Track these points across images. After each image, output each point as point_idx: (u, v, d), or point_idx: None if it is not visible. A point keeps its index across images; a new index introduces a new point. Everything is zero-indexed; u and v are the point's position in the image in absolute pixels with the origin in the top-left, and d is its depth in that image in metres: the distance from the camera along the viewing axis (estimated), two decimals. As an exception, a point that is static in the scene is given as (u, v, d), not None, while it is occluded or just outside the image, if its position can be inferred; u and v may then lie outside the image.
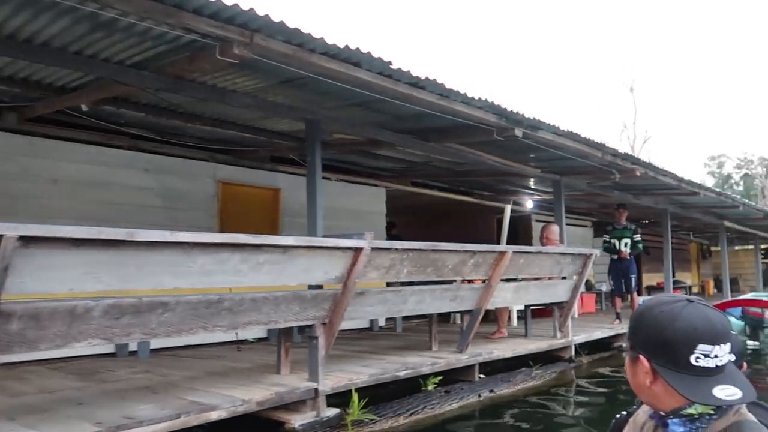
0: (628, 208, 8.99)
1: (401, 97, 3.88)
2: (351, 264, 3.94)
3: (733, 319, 9.06)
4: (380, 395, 4.79)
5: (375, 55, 3.28)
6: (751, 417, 1.22)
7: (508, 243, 11.83)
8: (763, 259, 21.51)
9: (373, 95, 3.93)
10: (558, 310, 6.92)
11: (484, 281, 5.46)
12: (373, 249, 4.01)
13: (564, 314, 6.87)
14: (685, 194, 8.70)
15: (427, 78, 3.63)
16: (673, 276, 14.34)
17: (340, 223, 8.36)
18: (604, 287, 14.15)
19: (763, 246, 19.78)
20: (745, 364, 2.12)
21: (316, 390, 4.00)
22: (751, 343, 8.60)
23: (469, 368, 5.45)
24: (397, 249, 4.25)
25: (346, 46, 3.17)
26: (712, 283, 20.72)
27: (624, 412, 1.49)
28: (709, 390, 1.14)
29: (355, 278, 3.98)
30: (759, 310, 8.49)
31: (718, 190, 8.69)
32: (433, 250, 4.58)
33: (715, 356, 1.16)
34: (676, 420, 1.23)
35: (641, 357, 1.22)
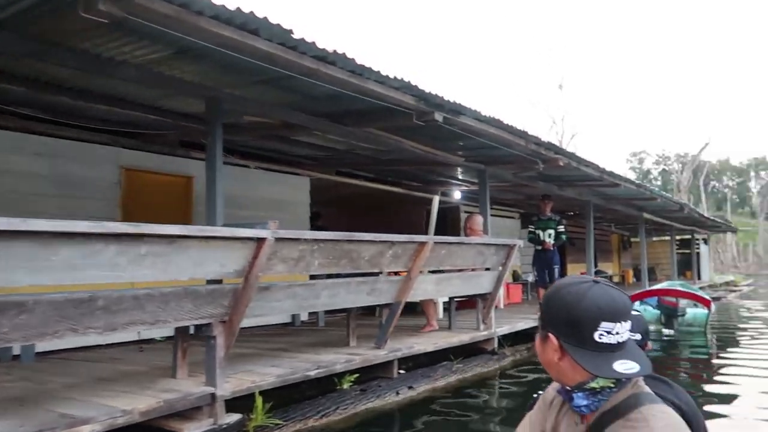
0: (553, 199, 9.03)
1: (308, 72, 3.54)
2: (253, 256, 3.58)
3: (649, 308, 9.31)
4: (293, 397, 4.47)
5: (273, 21, 2.92)
6: (647, 389, 1.32)
7: (437, 234, 11.77)
8: (677, 249, 22.60)
9: (278, 70, 3.57)
10: (481, 301, 6.80)
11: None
12: (278, 239, 3.66)
13: (487, 306, 6.76)
14: (607, 186, 8.82)
15: (335, 52, 3.31)
16: (596, 266, 14.78)
17: (260, 213, 7.93)
18: (530, 278, 14.39)
19: (678, 237, 20.77)
20: (649, 343, 2.19)
21: (213, 395, 3.62)
22: (666, 331, 8.85)
23: (388, 364, 5.20)
24: (306, 239, 3.92)
25: (238, 8, 2.80)
26: (631, 273, 21.61)
27: (540, 392, 1.57)
28: (610, 365, 1.22)
29: (258, 272, 3.62)
30: (673, 300, 8.74)
31: (638, 182, 8.89)
32: (347, 240, 4.28)
33: (617, 333, 1.24)
34: (580, 393, 1.31)
35: (550, 335, 1.30)
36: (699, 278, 20.98)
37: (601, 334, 1.24)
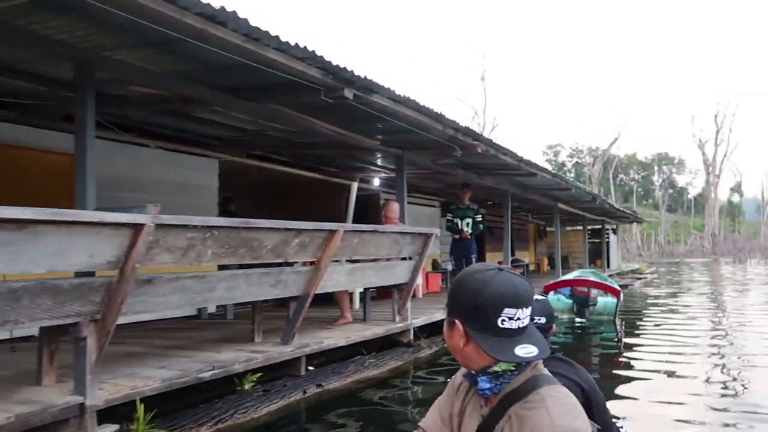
0: (472, 188, 8.95)
1: (196, 35, 3.08)
2: (129, 245, 3.10)
3: (562, 298, 9.47)
4: (187, 401, 4.02)
5: (145, -34, 2.46)
6: (545, 371, 1.38)
7: (356, 222, 11.46)
8: (589, 239, 23.56)
9: (160, 31, 3.08)
10: (397, 292, 6.56)
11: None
12: (160, 226, 3.19)
13: (404, 296, 6.53)
14: (525, 175, 8.83)
15: (223, 8, 2.86)
16: (513, 255, 15.02)
17: (162, 198, 7.27)
18: (449, 267, 14.42)
19: (589, 227, 21.64)
20: (554, 326, 2.20)
21: (82, 405, 3.12)
22: (578, 320, 9.02)
23: (295, 361, 4.84)
24: (196, 226, 3.47)
25: (100, -54, 2.32)
26: (546, 261, 22.34)
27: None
28: (511, 349, 1.27)
29: (136, 263, 3.15)
30: (585, 290, 8.92)
31: (553, 171, 8.98)
32: (245, 227, 3.86)
33: (518, 318, 1.29)
34: (483, 377, 1.36)
35: (456, 321, 1.34)
36: (608, 266, 21.99)
37: (504, 320, 1.28)
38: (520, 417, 1.30)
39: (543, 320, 2.04)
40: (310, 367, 5.17)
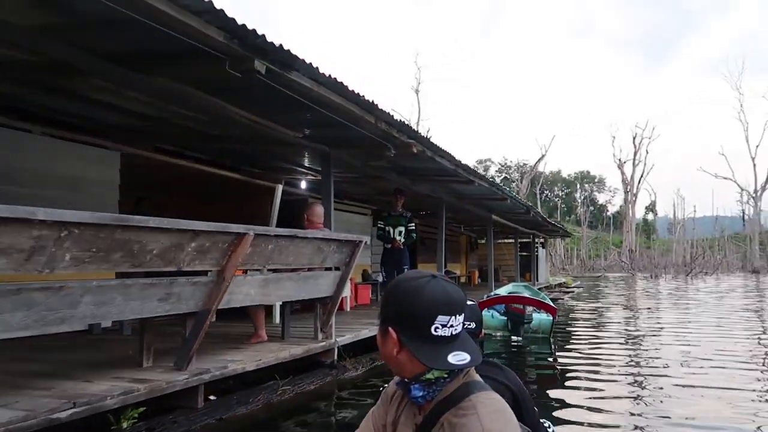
0: (406, 194, 8.36)
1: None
2: (-66, 243, 2.22)
3: (497, 315, 9.01)
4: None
5: None
6: (477, 377, 1.40)
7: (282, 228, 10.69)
8: (520, 252, 23.64)
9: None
10: (321, 306, 5.82)
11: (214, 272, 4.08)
12: (-15, 219, 2.33)
13: (328, 311, 5.80)
14: (462, 182, 8.34)
15: None
16: (445, 267, 14.58)
17: (47, 193, 6.24)
18: (381, 277, 13.79)
19: (521, 240, 21.65)
20: (483, 332, 2.15)
21: None
22: (514, 338, 8.57)
23: (191, 391, 4.00)
24: (43, 222, 2.61)
25: None
26: (477, 274, 22.17)
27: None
28: (444, 356, 1.28)
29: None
30: (521, 307, 8.50)
31: (491, 180, 8.54)
32: (121, 225, 3.03)
33: (451, 326, 1.31)
34: (416, 385, 1.36)
35: (390, 329, 1.34)
36: (537, 280, 22.08)
37: (437, 327, 1.29)
38: (453, 424, 1.29)
39: (473, 325, 2.00)
40: (212, 397, 4.35)
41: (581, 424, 4.33)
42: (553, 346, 8.21)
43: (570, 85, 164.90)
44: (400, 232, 8.32)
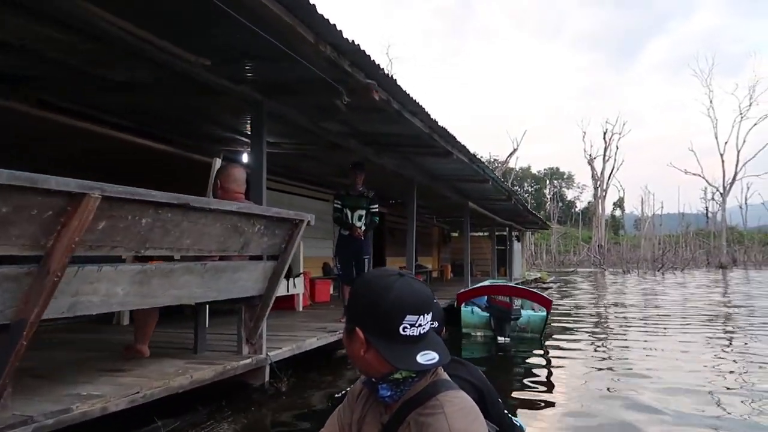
0: (366, 171, 6.85)
1: None
2: None
3: (477, 311, 7.57)
4: None
5: None
6: (444, 376, 1.38)
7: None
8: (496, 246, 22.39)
9: None
10: (246, 309, 4.26)
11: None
12: None
13: (255, 317, 4.24)
14: (438, 154, 6.84)
15: None
16: (416, 260, 13.11)
17: None
18: (335, 270, 12.25)
19: (496, 233, 20.34)
20: (444, 329, 2.09)
21: None
22: (500, 339, 7.12)
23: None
24: None
25: None
26: (450, 268, 20.80)
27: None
28: (413, 356, 1.26)
29: None
30: (506, 299, 7.03)
31: (472, 153, 7.09)
32: None
33: (420, 325, 1.29)
34: (384, 384, 1.35)
35: (356, 328, 1.30)
36: (513, 275, 20.81)
37: (405, 327, 1.27)
38: (419, 423, 1.28)
39: (435, 324, 1.64)
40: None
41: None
42: (544, 350, 6.79)
43: (540, 81, 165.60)
44: (360, 217, 6.78)
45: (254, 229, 3.72)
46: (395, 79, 4.17)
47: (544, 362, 6.24)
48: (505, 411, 2.20)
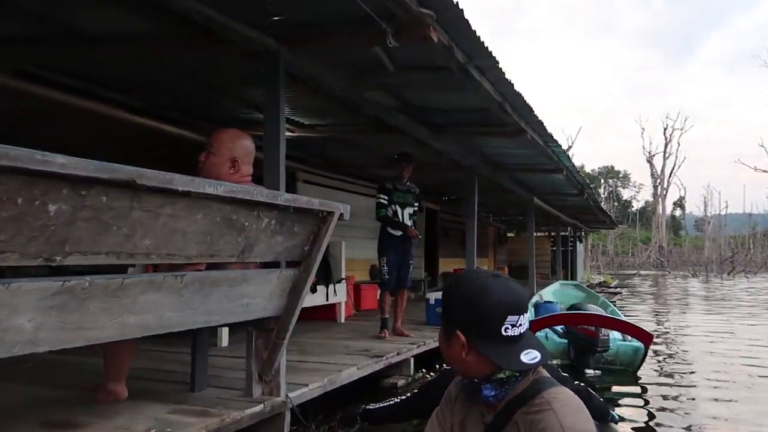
0: (415, 159, 5.66)
1: None
2: None
3: (553, 336, 6.18)
4: None
5: None
6: (545, 374, 1.39)
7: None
8: (552, 247, 20.78)
9: None
10: (258, 336, 3.10)
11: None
12: None
13: (271, 346, 3.07)
14: (507, 135, 5.54)
15: None
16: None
17: None
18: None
19: (551, 233, 18.72)
20: None
21: None
22: (590, 372, 5.70)
23: None
24: None
25: None
26: (507, 271, 19.28)
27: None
28: (517, 356, 1.29)
29: None
30: (592, 328, 5.62)
31: (549, 131, 5.73)
32: None
33: (520, 325, 1.32)
34: (488, 385, 1.35)
35: (457, 332, 1.33)
36: (575, 278, 19.12)
37: (507, 328, 1.29)
38: (527, 421, 1.29)
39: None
40: None
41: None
42: (641, 386, 5.35)
43: (591, 80, 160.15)
44: (411, 215, 5.62)
45: (260, 224, 2.55)
46: (462, 10, 2.90)
47: (642, 415, 4.75)
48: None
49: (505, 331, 1.28)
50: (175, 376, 3.48)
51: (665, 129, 55.76)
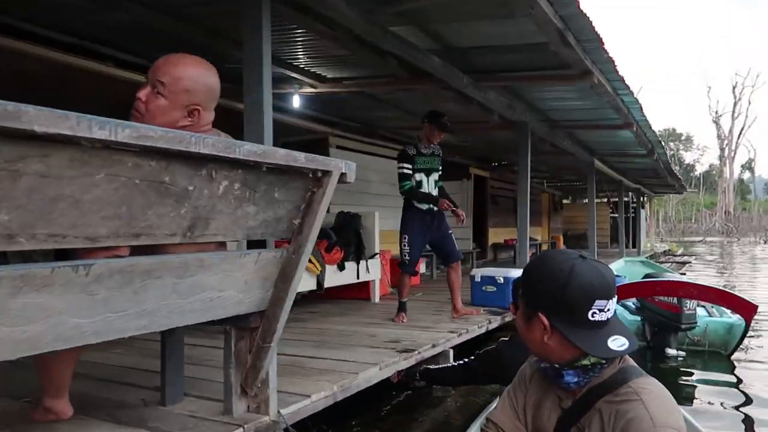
0: (449, 125, 4.75)
1: None
2: None
3: (623, 312, 5.23)
4: None
5: None
6: (632, 362, 1.32)
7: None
8: (610, 213, 19.37)
9: None
10: (236, 336, 2.37)
11: None
12: None
13: (255, 349, 2.33)
14: (567, 79, 4.55)
15: None
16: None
17: None
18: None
19: (613, 199, 17.29)
20: None
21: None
22: (672, 353, 4.73)
23: None
24: None
25: None
26: (562, 240, 18.10)
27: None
28: (604, 342, 1.23)
29: None
30: (674, 301, 4.63)
31: (620, 74, 4.67)
32: None
33: (608, 310, 1.25)
34: (570, 371, 1.29)
35: (540, 314, 1.27)
36: (636, 246, 17.75)
37: (594, 312, 1.24)
38: (613, 411, 1.23)
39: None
40: None
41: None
42: (735, 375, 4.38)
43: (657, 33, 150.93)
44: (436, 182, 4.76)
45: (214, 188, 1.77)
46: None
47: (737, 402, 3.83)
48: None
49: (593, 316, 1.24)
50: (147, 381, 2.81)
51: (734, 87, 52.09)
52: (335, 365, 3.20)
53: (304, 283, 5.07)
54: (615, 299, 1.26)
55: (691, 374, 4.40)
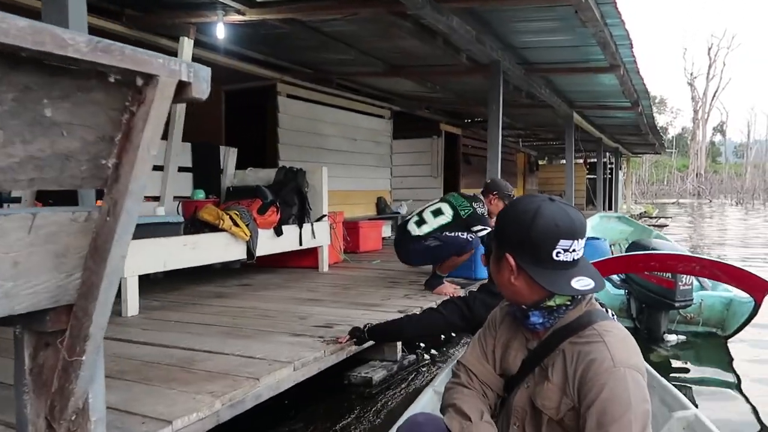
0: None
1: None
2: None
3: (608, 287, 4.46)
4: None
5: None
6: (598, 306, 1.34)
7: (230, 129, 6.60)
8: (588, 174, 18.78)
9: None
10: (32, 347, 1.51)
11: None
12: None
13: (61, 365, 1.48)
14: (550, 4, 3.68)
15: None
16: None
17: None
18: (404, 209, 9.47)
19: (589, 160, 16.62)
20: None
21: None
22: (672, 340, 4.03)
23: None
24: None
25: None
26: (537, 202, 17.45)
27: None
28: (567, 282, 1.24)
29: None
30: (667, 275, 3.86)
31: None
32: None
33: (573, 250, 1.25)
34: (536, 312, 1.32)
35: (507, 255, 1.29)
36: (614, 208, 17.22)
37: (559, 252, 1.24)
38: (576, 352, 1.24)
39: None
40: None
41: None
42: (733, 369, 3.68)
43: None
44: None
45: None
46: None
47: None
48: None
49: (557, 256, 1.24)
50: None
51: (709, 49, 51.78)
52: (235, 365, 2.38)
53: (232, 250, 4.25)
54: (582, 241, 1.26)
55: (687, 371, 3.67)
